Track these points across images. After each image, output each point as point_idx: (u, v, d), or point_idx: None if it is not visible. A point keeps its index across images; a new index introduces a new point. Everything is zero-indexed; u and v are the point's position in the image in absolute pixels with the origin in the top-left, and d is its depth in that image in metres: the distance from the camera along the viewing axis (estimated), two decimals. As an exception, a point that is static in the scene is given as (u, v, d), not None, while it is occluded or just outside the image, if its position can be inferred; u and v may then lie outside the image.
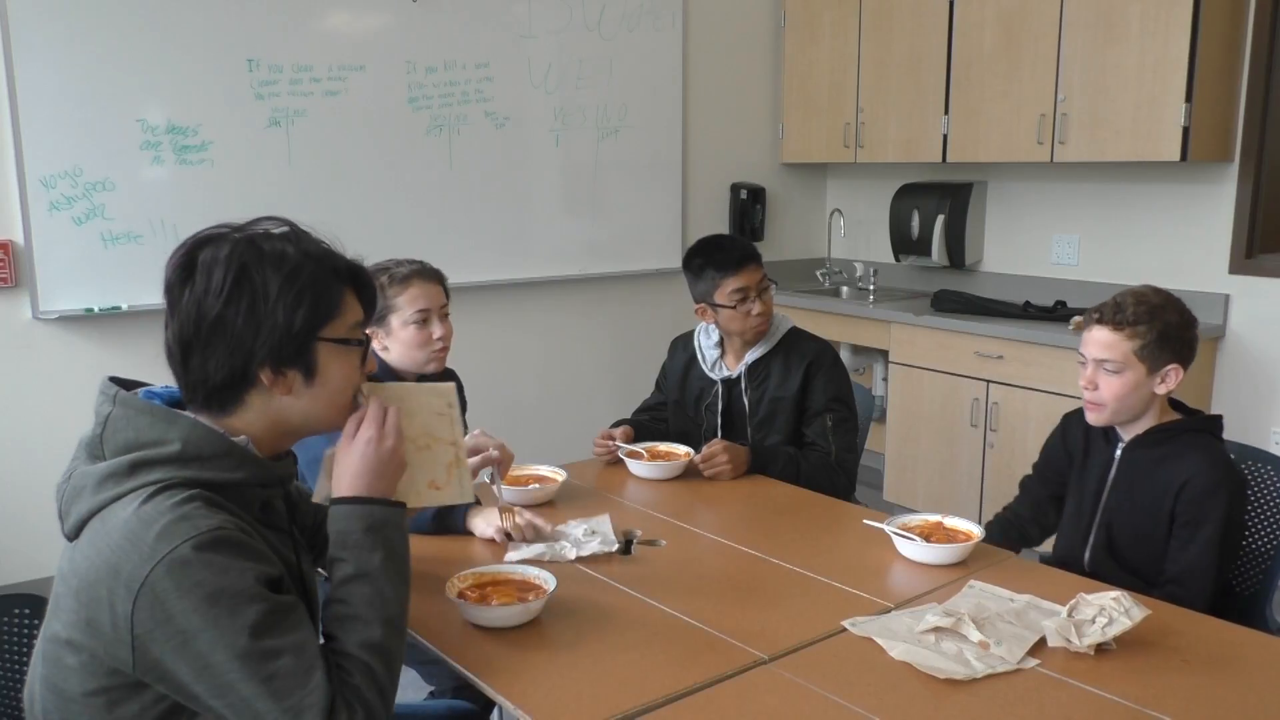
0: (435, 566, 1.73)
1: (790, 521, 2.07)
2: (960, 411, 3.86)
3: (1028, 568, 1.79)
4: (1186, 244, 3.72)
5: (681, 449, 2.38)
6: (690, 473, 2.32)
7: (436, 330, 2.17)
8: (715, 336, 2.58)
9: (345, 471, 1.29)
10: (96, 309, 3.32)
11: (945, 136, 4.12)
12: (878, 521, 1.88)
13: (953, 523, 1.88)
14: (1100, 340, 1.95)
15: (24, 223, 3.19)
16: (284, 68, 3.55)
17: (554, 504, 2.11)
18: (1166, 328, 1.92)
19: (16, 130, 3.13)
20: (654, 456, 2.35)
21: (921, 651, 1.43)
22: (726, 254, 2.46)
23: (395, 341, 2.16)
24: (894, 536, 1.81)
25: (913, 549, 1.79)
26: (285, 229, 1.25)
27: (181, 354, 1.20)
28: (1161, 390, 1.95)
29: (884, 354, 4.26)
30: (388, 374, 2.16)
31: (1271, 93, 3.48)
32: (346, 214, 3.70)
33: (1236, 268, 3.60)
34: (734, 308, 2.43)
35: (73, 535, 1.16)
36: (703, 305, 2.50)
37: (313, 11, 3.59)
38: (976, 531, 1.84)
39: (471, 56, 3.94)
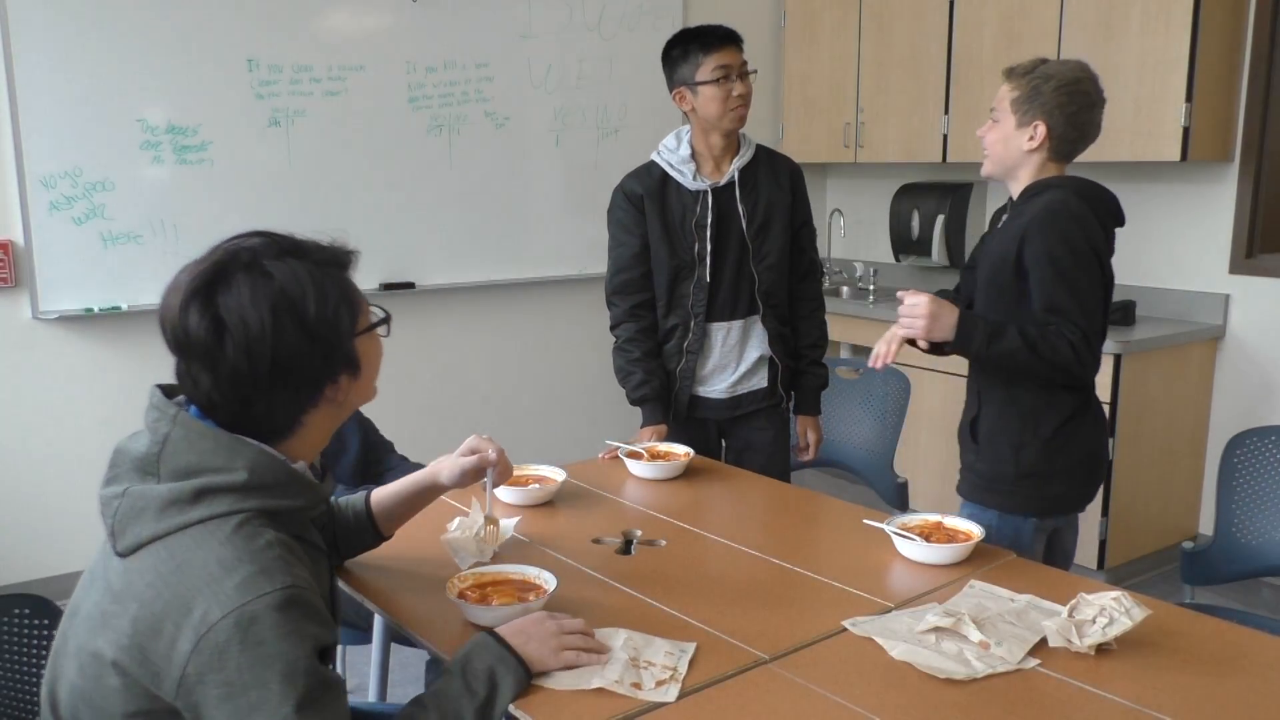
0: (435, 567, 1.73)
1: (790, 521, 2.07)
2: (960, 412, 3.85)
3: (1028, 568, 1.79)
4: (1186, 244, 3.72)
5: (681, 449, 2.37)
6: (690, 472, 2.32)
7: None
8: (684, 149, 2.50)
9: (514, 624, 1.39)
10: (96, 309, 3.32)
11: (945, 136, 4.12)
12: (878, 521, 1.88)
13: (953, 523, 1.88)
14: (999, 91, 2.05)
15: (24, 223, 3.19)
16: (284, 68, 3.55)
17: (553, 504, 2.11)
18: (1042, 83, 1.96)
19: (16, 130, 3.14)
20: (654, 456, 2.35)
21: (922, 651, 1.43)
22: (709, 33, 2.47)
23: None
24: (894, 536, 1.81)
25: (913, 549, 1.79)
26: (263, 240, 1.23)
27: (241, 403, 1.19)
28: (1029, 147, 1.99)
29: (884, 354, 4.25)
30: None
31: (1271, 93, 3.48)
32: (346, 214, 3.70)
33: (1236, 268, 3.60)
34: (716, 83, 2.41)
35: (127, 553, 1.15)
36: (681, 90, 2.47)
37: (313, 11, 3.59)
38: (976, 531, 1.83)
39: (471, 56, 3.94)
